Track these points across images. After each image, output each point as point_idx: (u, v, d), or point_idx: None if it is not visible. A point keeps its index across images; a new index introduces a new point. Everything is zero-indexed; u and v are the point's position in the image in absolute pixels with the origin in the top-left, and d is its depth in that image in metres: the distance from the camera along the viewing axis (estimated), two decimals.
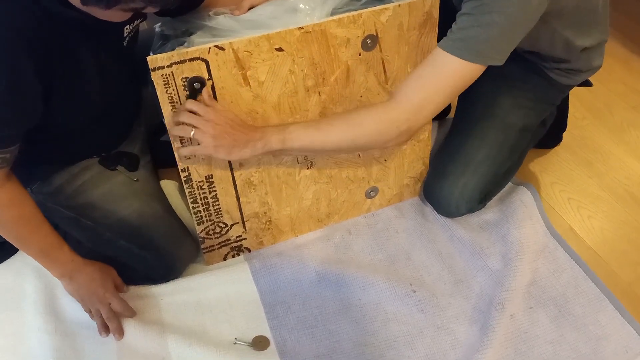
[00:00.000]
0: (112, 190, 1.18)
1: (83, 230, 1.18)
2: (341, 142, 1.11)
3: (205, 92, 1.04)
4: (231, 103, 1.08)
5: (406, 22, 1.13)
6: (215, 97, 1.07)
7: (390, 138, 1.11)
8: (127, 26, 1.11)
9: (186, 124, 1.03)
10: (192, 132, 1.03)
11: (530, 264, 1.30)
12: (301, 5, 1.13)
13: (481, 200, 1.37)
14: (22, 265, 1.32)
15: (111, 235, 1.16)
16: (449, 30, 1.06)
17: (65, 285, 1.17)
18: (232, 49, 1.02)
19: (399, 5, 1.10)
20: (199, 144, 1.05)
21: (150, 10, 0.93)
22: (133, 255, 1.19)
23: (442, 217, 1.41)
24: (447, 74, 1.05)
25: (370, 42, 1.13)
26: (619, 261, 1.35)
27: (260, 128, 1.09)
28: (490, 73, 1.10)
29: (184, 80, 1.02)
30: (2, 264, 1.33)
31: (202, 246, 1.29)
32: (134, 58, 1.18)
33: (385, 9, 1.10)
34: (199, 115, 1.03)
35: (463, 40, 1.03)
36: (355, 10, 1.10)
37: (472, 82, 1.08)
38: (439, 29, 1.17)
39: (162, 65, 0.99)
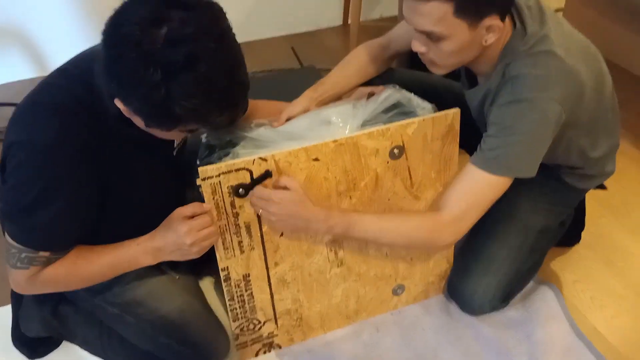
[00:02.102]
0: (156, 288, 1.24)
1: (126, 326, 1.23)
2: (396, 243, 1.29)
3: (265, 189, 1.13)
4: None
5: (430, 133, 1.24)
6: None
7: (439, 245, 1.28)
8: None
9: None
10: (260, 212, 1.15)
11: None
12: (333, 118, 1.24)
13: (504, 299, 1.41)
14: (65, 358, 1.36)
15: (153, 332, 1.21)
16: (478, 148, 1.18)
17: (162, 258, 1.14)
18: (274, 160, 1.12)
19: (424, 119, 1.21)
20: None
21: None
22: (173, 351, 1.23)
23: (466, 314, 1.45)
24: (483, 188, 1.18)
25: (398, 151, 1.23)
26: None
27: (325, 210, 1.17)
28: None
29: (230, 188, 1.12)
30: (45, 357, 1.37)
31: (236, 342, 1.34)
32: (181, 165, 1.28)
33: (412, 122, 1.20)
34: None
35: (494, 159, 1.16)
36: (383, 122, 1.21)
37: (504, 192, 1.19)
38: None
39: (212, 175, 1.09)
